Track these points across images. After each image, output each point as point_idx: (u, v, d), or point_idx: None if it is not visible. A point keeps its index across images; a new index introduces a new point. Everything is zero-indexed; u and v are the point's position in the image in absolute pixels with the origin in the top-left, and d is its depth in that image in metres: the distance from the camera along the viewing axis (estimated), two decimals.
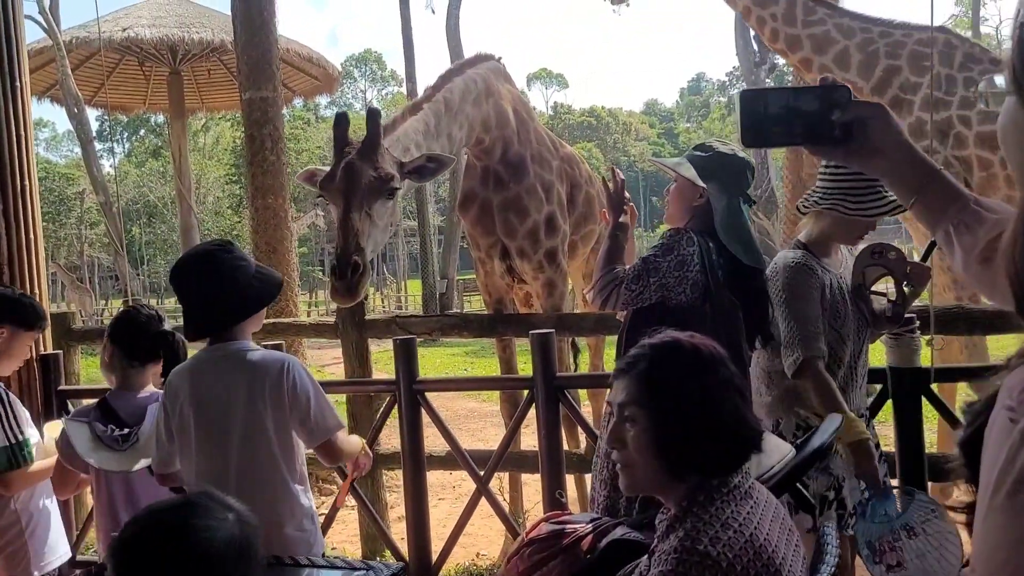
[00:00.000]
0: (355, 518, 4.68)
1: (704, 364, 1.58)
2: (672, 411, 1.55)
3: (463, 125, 3.90)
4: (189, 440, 2.36)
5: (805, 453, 1.89)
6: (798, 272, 2.62)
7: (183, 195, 13.01)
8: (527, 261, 4.26)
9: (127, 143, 47.80)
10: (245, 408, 2.32)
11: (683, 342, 1.61)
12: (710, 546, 1.43)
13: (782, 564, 1.47)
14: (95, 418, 2.60)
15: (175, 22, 11.50)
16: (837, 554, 1.65)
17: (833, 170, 2.62)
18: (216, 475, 2.33)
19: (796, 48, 4.90)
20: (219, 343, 2.39)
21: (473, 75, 4.02)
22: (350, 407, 4.51)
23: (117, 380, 2.72)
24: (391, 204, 3.29)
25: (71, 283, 22.86)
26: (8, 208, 3.75)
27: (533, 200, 4.20)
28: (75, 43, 11.45)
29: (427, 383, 3.73)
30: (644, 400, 1.57)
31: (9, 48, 3.77)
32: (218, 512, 1.15)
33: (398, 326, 4.24)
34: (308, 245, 36.31)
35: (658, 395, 1.56)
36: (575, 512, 2.79)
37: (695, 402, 1.54)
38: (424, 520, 3.63)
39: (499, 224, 4.23)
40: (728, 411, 1.55)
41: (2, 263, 3.73)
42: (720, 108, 63.85)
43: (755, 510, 1.53)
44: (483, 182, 4.24)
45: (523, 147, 4.24)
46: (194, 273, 2.38)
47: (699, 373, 1.57)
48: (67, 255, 34.78)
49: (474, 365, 13.26)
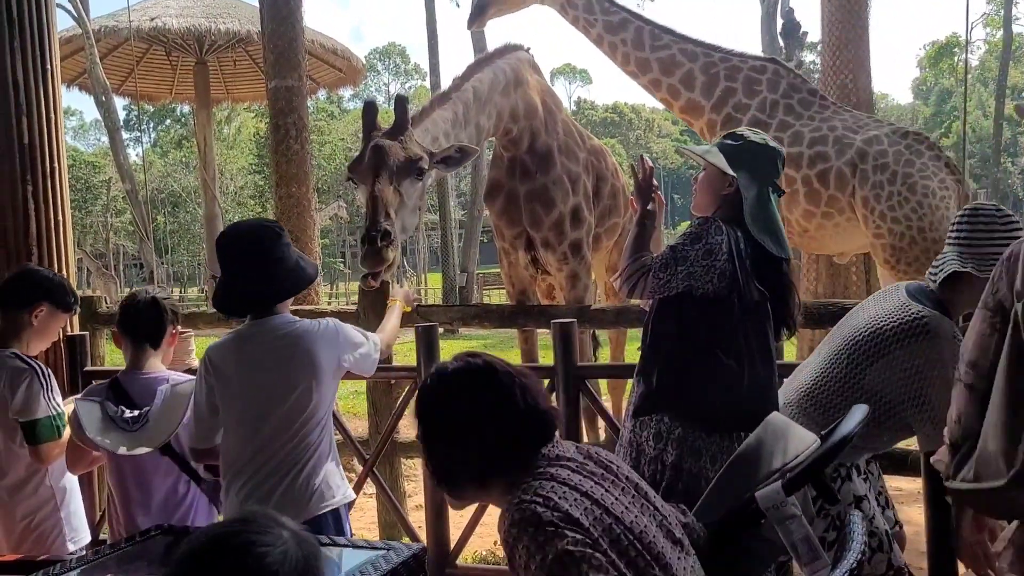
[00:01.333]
0: (373, 505, 4.71)
1: (470, 381, 1.65)
2: (458, 434, 1.64)
3: (491, 115, 3.93)
4: (229, 414, 2.41)
5: (830, 442, 1.87)
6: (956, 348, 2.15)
7: (207, 184, 13.12)
8: (552, 252, 4.26)
9: (153, 132, 48.23)
10: (286, 382, 2.39)
11: (447, 368, 1.69)
12: (535, 496, 1.50)
13: (625, 512, 1.55)
14: (107, 398, 2.63)
15: (202, 12, 11.60)
16: (864, 542, 1.63)
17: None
18: (254, 450, 2.39)
19: (646, 70, 5.26)
20: (259, 319, 2.44)
21: (502, 65, 4.04)
22: (370, 395, 4.53)
23: (127, 361, 2.77)
24: (420, 185, 3.37)
25: (97, 270, 23.13)
26: (37, 190, 3.80)
27: (559, 191, 4.20)
28: (104, 32, 11.56)
29: None
30: (436, 433, 1.67)
31: (41, 34, 3.82)
32: (274, 530, 1.16)
33: (419, 315, 4.25)
34: (330, 237, 36.45)
35: (425, 430, 1.67)
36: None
37: (453, 427, 1.64)
38: (443, 507, 3.64)
39: (525, 215, 4.23)
40: (505, 417, 1.61)
41: (31, 244, 3.78)
42: None
43: (575, 471, 1.59)
44: (510, 172, 4.25)
45: (550, 138, 4.24)
46: (245, 250, 2.44)
47: (465, 391, 1.64)
48: (93, 242, 35.14)
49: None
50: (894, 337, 2.35)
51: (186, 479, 2.70)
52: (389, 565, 1.92)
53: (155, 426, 2.56)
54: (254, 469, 2.39)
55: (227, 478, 2.46)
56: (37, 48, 3.80)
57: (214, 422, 2.48)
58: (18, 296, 2.93)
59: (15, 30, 3.73)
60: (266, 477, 2.38)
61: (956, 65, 40.23)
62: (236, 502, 2.40)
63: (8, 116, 3.73)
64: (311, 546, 1.18)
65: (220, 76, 13.31)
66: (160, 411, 2.57)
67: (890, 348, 2.35)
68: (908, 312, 2.36)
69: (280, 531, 1.15)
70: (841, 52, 7.76)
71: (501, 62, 4.06)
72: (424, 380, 1.72)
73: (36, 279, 2.99)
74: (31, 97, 3.78)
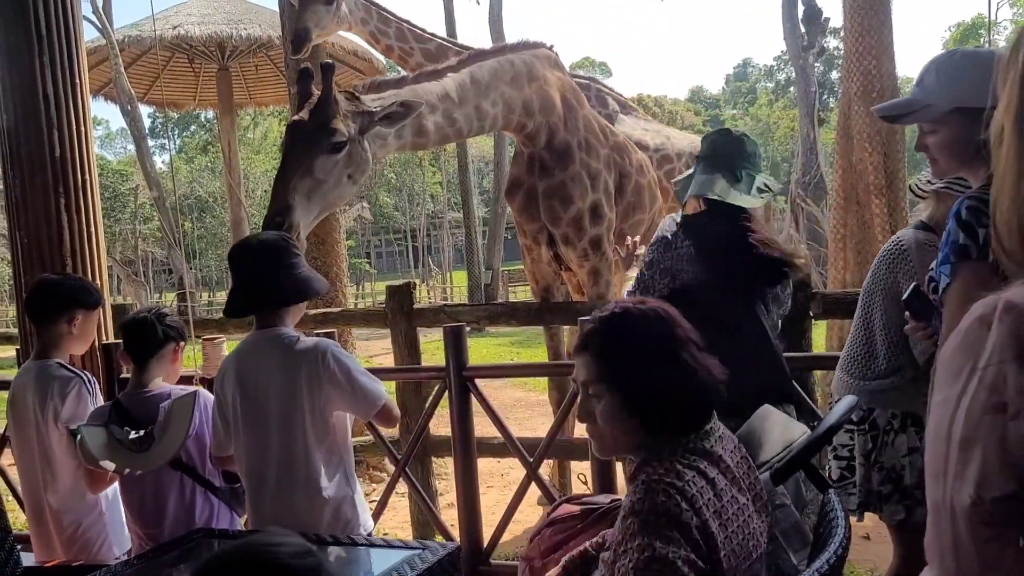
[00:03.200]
0: (405, 505, 4.75)
1: (653, 328, 1.63)
2: (630, 381, 1.60)
3: (497, 103, 3.92)
4: (236, 423, 2.44)
5: (815, 433, 1.89)
6: (930, 254, 2.36)
7: (233, 189, 13.24)
8: (572, 248, 4.27)
9: (178, 139, 48.74)
10: (283, 393, 2.39)
11: (630, 311, 1.66)
12: (676, 479, 1.50)
13: (736, 514, 1.54)
14: (111, 420, 2.63)
15: (224, 19, 11.70)
16: (846, 526, 1.64)
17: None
18: (257, 458, 2.41)
19: (409, 57, 5.34)
20: (263, 328, 2.47)
21: (512, 58, 4.05)
22: (400, 395, 4.57)
23: (130, 381, 2.79)
24: (339, 157, 3.30)
25: (127, 277, 23.41)
26: (70, 202, 3.87)
27: (578, 187, 4.20)
28: (127, 42, 11.70)
29: (477, 369, 3.76)
30: (601, 376, 1.62)
31: (69, 48, 3.89)
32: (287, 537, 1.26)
33: (446, 314, 4.28)
34: (355, 238, 36.69)
35: (614, 368, 1.62)
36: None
37: (650, 368, 1.60)
38: (475, 505, 3.67)
39: (543, 211, 4.24)
40: (681, 373, 1.60)
41: (65, 255, 3.85)
42: (767, 93, 62.83)
43: (717, 459, 1.59)
44: (529, 169, 4.26)
45: (570, 134, 4.24)
46: (255, 257, 2.47)
47: (650, 339, 1.62)
48: (122, 250, 35.58)
49: (520, 355, 13.29)
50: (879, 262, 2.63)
51: (202, 490, 2.69)
52: (425, 564, 1.95)
53: (161, 444, 2.56)
54: (268, 477, 2.42)
55: (247, 488, 2.51)
56: (66, 62, 3.87)
57: (228, 430, 2.52)
58: (52, 309, 2.97)
59: (44, 46, 3.80)
60: (282, 488, 2.40)
61: (982, 46, 39.58)
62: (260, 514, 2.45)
63: (40, 130, 3.81)
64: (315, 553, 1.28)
65: (243, 81, 13.42)
66: (164, 428, 2.57)
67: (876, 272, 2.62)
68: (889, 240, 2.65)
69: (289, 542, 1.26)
70: (864, 37, 7.66)
71: (513, 56, 4.06)
72: (619, 312, 1.67)
73: (64, 290, 3.02)
74: (61, 111, 3.85)
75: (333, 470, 2.43)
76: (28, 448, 2.93)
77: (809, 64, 15.48)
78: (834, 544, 1.55)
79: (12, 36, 3.79)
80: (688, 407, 1.61)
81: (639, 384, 1.60)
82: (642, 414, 1.60)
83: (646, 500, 1.49)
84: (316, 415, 2.40)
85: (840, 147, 9.18)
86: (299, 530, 2.27)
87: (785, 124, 52.80)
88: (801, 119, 15.48)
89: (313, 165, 3.21)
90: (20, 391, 2.97)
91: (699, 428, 1.61)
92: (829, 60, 30.96)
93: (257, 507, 2.44)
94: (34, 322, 3.05)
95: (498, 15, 20.39)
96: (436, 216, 38.89)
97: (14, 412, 3.00)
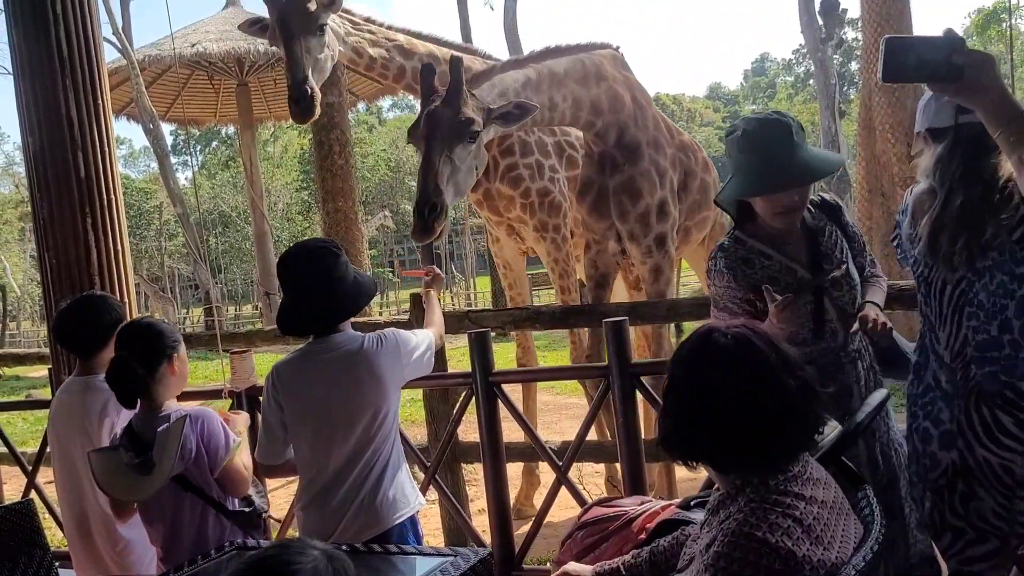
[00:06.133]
0: (436, 511, 4.75)
1: (736, 360, 1.50)
2: (700, 414, 1.49)
3: (567, 98, 4.01)
4: (301, 431, 2.47)
5: (845, 429, 1.86)
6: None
7: (255, 203, 13.38)
8: (636, 245, 4.29)
9: (200, 155, 49.27)
10: (351, 398, 2.44)
11: (714, 337, 1.53)
12: (769, 533, 1.40)
13: (839, 555, 1.44)
14: (123, 444, 2.56)
15: (241, 35, 11.73)
16: (882, 523, 1.60)
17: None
18: (322, 466, 2.45)
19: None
20: (323, 336, 2.51)
21: (582, 57, 4.13)
22: (427, 402, 4.57)
23: (141, 404, 2.69)
24: (473, 147, 3.49)
25: (154, 293, 23.68)
26: (96, 222, 3.92)
27: (646, 183, 4.24)
28: (148, 61, 11.86)
29: (503, 375, 3.76)
30: (673, 400, 1.55)
31: (91, 70, 3.94)
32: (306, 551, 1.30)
33: (471, 321, 4.28)
34: (378, 247, 36.85)
35: (684, 397, 1.52)
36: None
37: (726, 404, 1.48)
38: (506, 510, 3.66)
39: (613, 207, 4.27)
40: (782, 409, 1.47)
41: (93, 275, 3.90)
42: (786, 88, 62.35)
43: (814, 496, 1.47)
44: (600, 168, 4.29)
45: (639, 131, 4.29)
46: (306, 271, 2.48)
47: (729, 371, 1.49)
48: (148, 267, 36.06)
49: (546, 358, 13.28)
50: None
51: (213, 512, 2.62)
52: (457, 571, 1.95)
53: (160, 467, 2.49)
54: (329, 484, 2.46)
55: (304, 493, 2.54)
56: (88, 84, 3.93)
57: (285, 439, 2.54)
58: (93, 340, 2.97)
59: (66, 69, 3.86)
60: (342, 492, 2.44)
61: (1004, 31, 39.06)
62: (314, 517, 2.47)
63: (65, 152, 3.86)
64: (341, 562, 1.32)
65: (262, 96, 13.55)
66: (158, 452, 2.49)
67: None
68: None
69: (311, 551, 1.29)
70: (883, 27, 7.60)
71: (583, 55, 4.14)
72: (701, 339, 1.56)
73: (102, 320, 2.97)
74: (85, 132, 3.90)
75: (399, 473, 2.52)
76: (72, 463, 2.93)
77: (828, 56, 15.38)
78: (870, 541, 1.52)
79: (35, 60, 3.85)
80: (760, 453, 1.48)
81: (704, 422, 1.50)
82: (701, 453, 1.52)
83: (737, 539, 1.41)
84: (385, 410, 2.48)
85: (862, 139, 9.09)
86: (364, 528, 2.39)
87: (805, 118, 52.29)
88: (822, 112, 15.37)
89: (453, 152, 3.41)
90: (65, 407, 2.98)
91: (789, 466, 1.50)
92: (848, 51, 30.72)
93: (322, 509, 2.47)
94: (77, 353, 3.06)
95: (512, 19, 20.43)
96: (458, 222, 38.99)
97: (58, 428, 3.01)
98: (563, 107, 4.00)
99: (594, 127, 4.18)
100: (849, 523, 1.54)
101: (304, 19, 3.95)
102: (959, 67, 1.56)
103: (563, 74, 3.98)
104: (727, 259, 2.43)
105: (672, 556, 1.86)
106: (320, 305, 2.47)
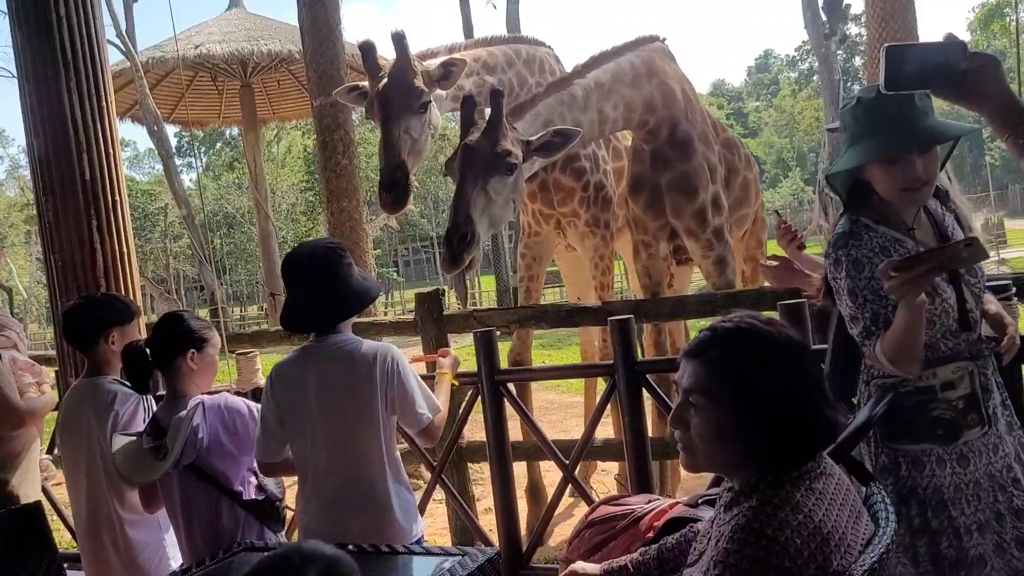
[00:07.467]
0: (443, 511, 4.75)
1: (779, 354, 1.49)
2: (740, 406, 1.47)
3: (618, 105, 3.96)
4: (297, 429, 2.47)
5: (851, 428, 1.84)
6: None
7: (260, 204, 13.39)
8: (695, 240, 4.26)
9: (204, 157, 49.34)
10: (346, 399, 2.44)
11: (758, 329, 1.52)
12: (778, 531, 1.38)
13: (847, 553, 1.43)
14: (146, 431, 2.66)
15: (244, 36, 11.82)
16: (893, 520, 1.58)
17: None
18: (317, 464, 2.45)
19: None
20: (324, 336, 2.51)
21: (631, 58, 4.07)
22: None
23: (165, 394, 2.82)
24: (511, 180, 3.44)
25: (160, 295, 23.66)
26: (102, 223, 3.93)
27: (700, 178, 4.22)
28: (151, 63, 11.87)
29: (509, 374, 3.76)
30: (711, 390, 1.50)
31: (95, 72, 3.96)
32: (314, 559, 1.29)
33: (476, 320, 4.27)
34: (382, 247, 36.86)
35: (726, 388, 1.49)
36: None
37: (766, 397, 1.46)
38: (513, 509, 3.66)
39: (668, 204, 4.24)
40: (802, 407, 1.47)
41: (98, 276, 3.91)
42: (790, 84, 62.26)
43: (824, 494, 1.46)
44: (652, 165, 4.25)
45: (690, 125, 4.26)
46: (310, 270, 2.49)
47: (772, 364, 1.48)
48: (154, 268, 36.11)
49: (551, 357, 13.27)
50: None
51: (228, 502, 2.65)
52: (465, 571, 1.95)
53: (172, 453, 2.56)
54: (323, 481, 2.46)
55: (301, 491, 2.54)
56: (92, 87, 3.94)
57: (282, 436, 2.54)
58: (86, 333, 3.02)
59: (70, 72, 3.87)
60: (337, 490, 2.44)
61: (1008, 25, 38.92)
62: (313, 515, 2.48)
63: (70, 155, 3.88)
64: (347, 567, 1.31)
65: (266, 97, 13.56)
66: (171, 438, 2.56)
67: None
68: None
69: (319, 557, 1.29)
70: (887, 22, 7.58)
71: (631, 55, 4.07)
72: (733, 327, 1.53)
73: (92, 311, 3.06)
74: (90, 135, 3.91)
75: (392, 475, 2.48)
76: (83, 465, 2.95)
77: (832, 52, 15.32)
78: (883, 539, 1.50)
79: (39, 63, 3.87)
80: (787, 449, 1.48)
81: (742, 413, 1.47)
82: (746, 441, 1.48)
83: (744, 535, 1.39)
84: (378, 415, 2.44)
85: None
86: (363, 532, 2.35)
87: (810, 114, 52.27)
88: (826, 108, 15.31)
89: (488, 184, 3.36)
90: (74, 409, 3.00)
91: (804, 465, 1.49)
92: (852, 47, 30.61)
93: (319, 509, 2.47)
94: (76, 349, 3.09)
95: (515, 18, 20.41)
96: None
97: (68, 430, 3.04)
98: (614, 116, 3.94)
99: (647, 125, 4.14)
100: (860, 521, 1.53)
101: (407, 98, 3.71)
102: (961, 73, 1.55)
103: (611, 82, 3.91)
104: (861, 247, 2.01)
105: (680, 554, 1.85)
106: (323, 304, 2.48)
